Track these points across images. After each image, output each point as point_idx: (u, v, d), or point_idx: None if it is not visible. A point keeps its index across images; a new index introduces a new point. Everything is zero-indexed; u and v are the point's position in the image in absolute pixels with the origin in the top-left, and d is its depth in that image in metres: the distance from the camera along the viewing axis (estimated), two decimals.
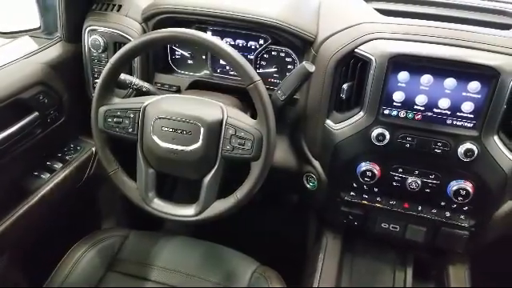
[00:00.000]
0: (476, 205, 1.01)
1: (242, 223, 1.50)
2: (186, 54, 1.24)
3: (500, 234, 1.08)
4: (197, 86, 1.23)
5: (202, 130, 0.93)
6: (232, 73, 1.23)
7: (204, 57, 1.23)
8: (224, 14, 1.08)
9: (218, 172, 0.96)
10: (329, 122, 1.05)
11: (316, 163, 1.13)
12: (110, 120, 0.99)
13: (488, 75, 0.89)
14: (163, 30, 0.93)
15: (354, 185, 1.09)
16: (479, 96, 0.91)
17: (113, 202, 1.48)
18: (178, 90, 1.23)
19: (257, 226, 1.64)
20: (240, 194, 0.95)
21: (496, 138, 0.94)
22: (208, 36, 0.91)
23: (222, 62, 1.22)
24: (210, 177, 0.96)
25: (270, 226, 1.66)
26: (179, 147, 0.94)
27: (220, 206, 0.97)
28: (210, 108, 0.95)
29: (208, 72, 1.25)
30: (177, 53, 1.25)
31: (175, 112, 0.94)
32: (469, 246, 1.08)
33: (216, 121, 0.93)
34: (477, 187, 0.98)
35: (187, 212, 0.99)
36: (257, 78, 0.90)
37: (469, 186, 0.98)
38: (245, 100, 1.13)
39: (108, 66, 0.95)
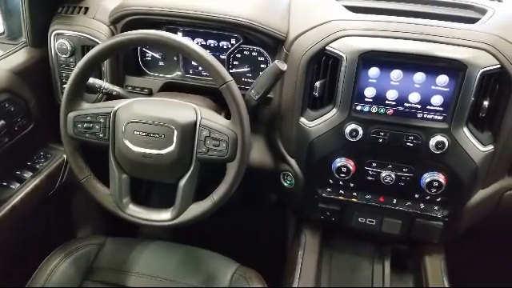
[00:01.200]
0: (449, 196, 1.04)
1: (220, 224, 1.49)
2: (156, 55, 1.22)
3: (472, 223, 1.11)
4: (169, 87, 1.21)
5: (175, 132, 0.91)
6: (205, 73, 1.22)
7: (176, 58, 1.22)
8: (194, 14, 1.07)
9: (193, 175, 0.95)
10: (303, 119, 1.05)
11: (292, 161, 1.14)
12: (79, 126, 0.96)
13: (455, 68, 0.91)
14: (132, 31, 0.91)
15: (330, 181, 1.09)
16: (448, 89, 0.93)
17: (87, 209, 1.45)
18: (150, 93, 1.21)
19: (235, 227, 1.64)
20: (217, 195, 0.94)
21: (465, 129, 0.96)
22: (178, 37, 0.89)
23: (194, 62, 1.21)
24: (186, 180, 0.95)
25: (248, 226, 1.66)
26: (152, 151, 0.93)
27: (197, 209, 0.96)
28: (183, 110, 0.94)
29: (180, 73, 1.23)
30: (147, 55, 1.23)
31: (147, 115, 0.92)
32: (443, 237, 1.10)
33: (189, 123, 0.92)
34: (449, 178, 1.00)
35: (163, 216, 0.97)
36: (229, 78, 0.89)
37: (441, 177, 1.00)
38: (218, 101, 1.12)
39: (75, 70, 0.93)
